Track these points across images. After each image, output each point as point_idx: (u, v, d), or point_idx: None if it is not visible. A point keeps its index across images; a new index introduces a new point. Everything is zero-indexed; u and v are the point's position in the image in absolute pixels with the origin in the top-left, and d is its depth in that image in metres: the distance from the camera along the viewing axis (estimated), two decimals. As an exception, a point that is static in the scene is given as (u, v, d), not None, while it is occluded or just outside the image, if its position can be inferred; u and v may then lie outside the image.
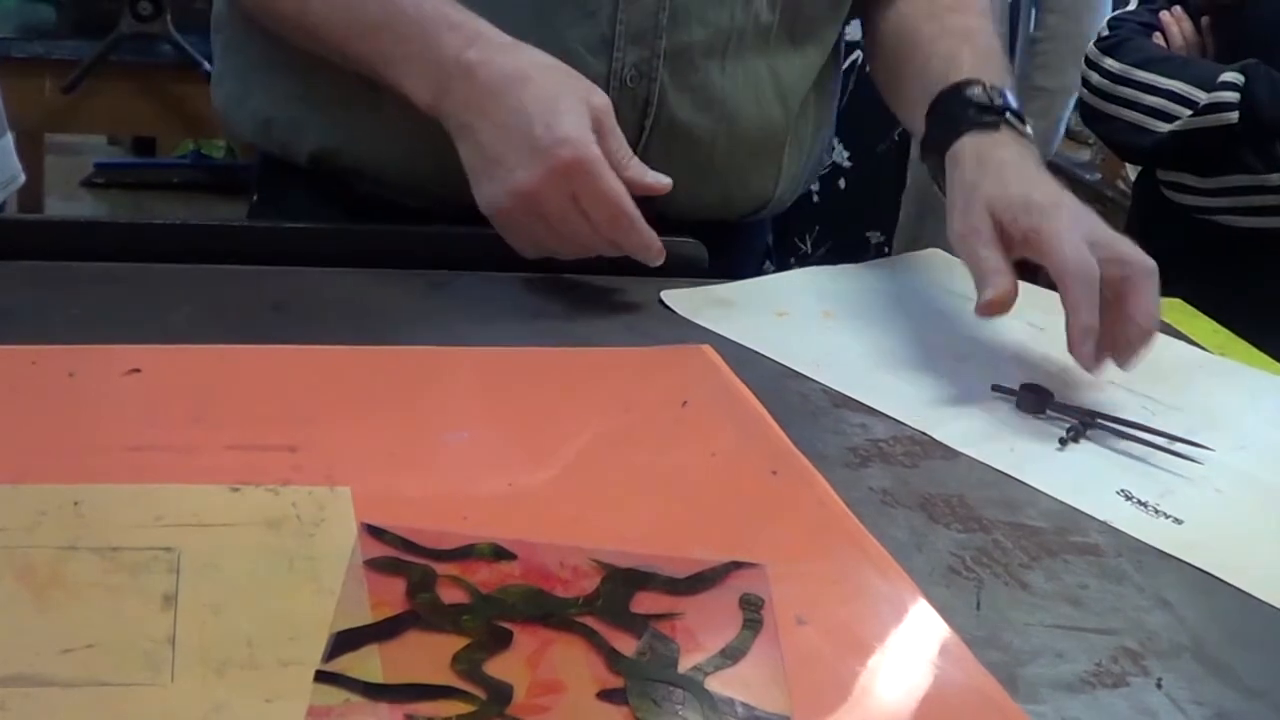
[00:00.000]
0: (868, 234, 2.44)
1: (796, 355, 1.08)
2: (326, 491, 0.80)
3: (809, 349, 1.09)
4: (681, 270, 1.17)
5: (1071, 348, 1.03)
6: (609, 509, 0.83)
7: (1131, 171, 2.95)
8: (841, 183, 2.34)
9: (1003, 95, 1.19)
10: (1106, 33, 2.12)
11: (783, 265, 2.27)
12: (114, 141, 5.56)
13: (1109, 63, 2.06)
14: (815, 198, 2.33)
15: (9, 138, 1.35)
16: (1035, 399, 1.04)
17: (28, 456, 0.81)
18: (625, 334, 1.09)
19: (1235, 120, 1.88)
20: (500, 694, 0.65)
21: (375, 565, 0.73)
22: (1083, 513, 0.91)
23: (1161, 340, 1.12)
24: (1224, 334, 1.29)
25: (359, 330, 1.01)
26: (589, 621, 0.71)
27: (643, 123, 1.23)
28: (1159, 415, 1.06)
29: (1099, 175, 3.66)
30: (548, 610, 0.72)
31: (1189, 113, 1.93)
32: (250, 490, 0.79)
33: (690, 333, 1.10)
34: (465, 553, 0.75)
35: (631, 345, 1.06)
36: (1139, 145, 2.05)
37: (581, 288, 1.16)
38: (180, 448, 0.83)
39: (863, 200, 2.38)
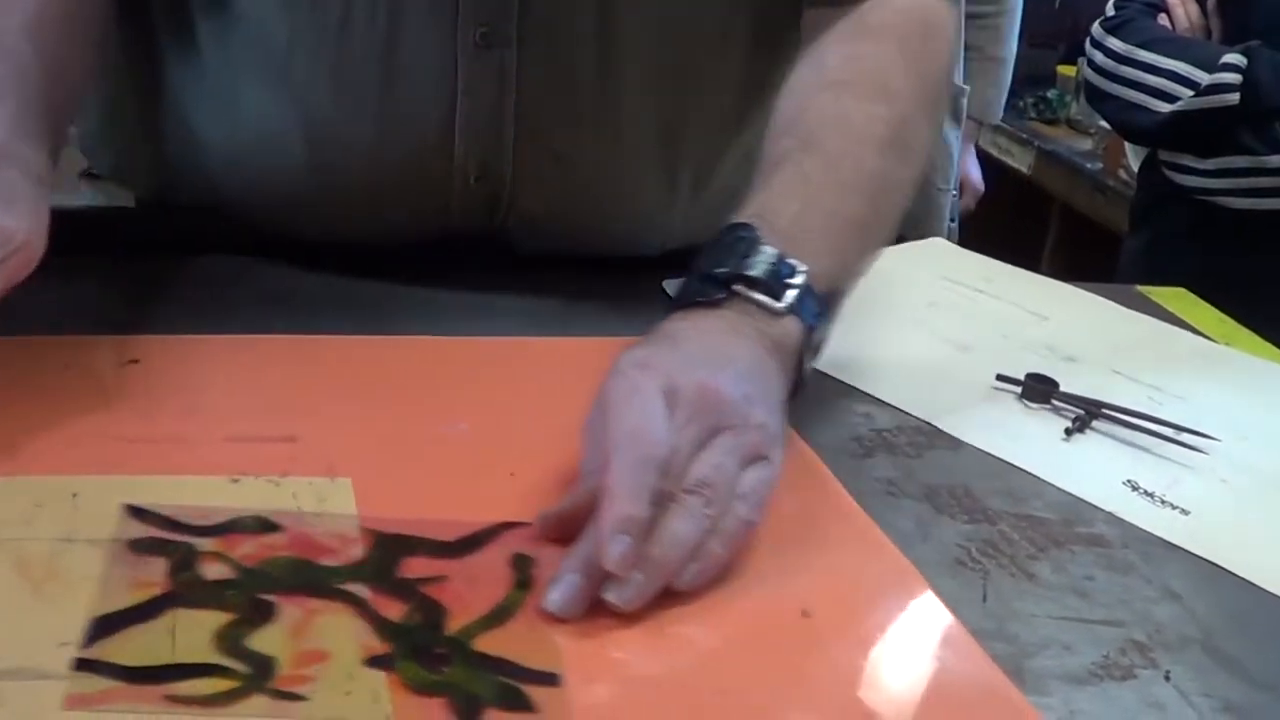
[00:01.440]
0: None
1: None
2: (327, 482, 0.79)
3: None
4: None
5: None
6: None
7: (1133, 161, 2.96)
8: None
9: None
10: (1112, 12, 2.11)
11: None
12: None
13: (1113, 42, 2.06)
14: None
15: None
16: (1041, 389, 1.03)
17: (24, 448, 0.80)
18: (625, 324, 1.07)
19: (1236, 102, 1.87)
20: (263, 667, 0.64)
21: (137, 546, 0.72)
22: (1089, 503, 0.90)
23: (1166, 330, 1.11)
24: (1229, 323, 1.28)
25: (356, 321, 1.01)
26: (355, 589, 0.70)
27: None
28: (1165, 405, 1.05)
29: (1100, 165, 3.65)
30: (313, 580, 0.71)
31: (1190, 93, 1.92)
32: (250, 481, 0.79)
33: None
34: (229, 527, 0.74)
35: (633, 335, 1.04)
36: (1140, 125, 2.05)
37: (581, 278, 1.15)
38: (179, 439, 0.83)
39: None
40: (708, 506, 0.74)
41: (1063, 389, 1.03)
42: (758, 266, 0.87)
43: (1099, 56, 2.08)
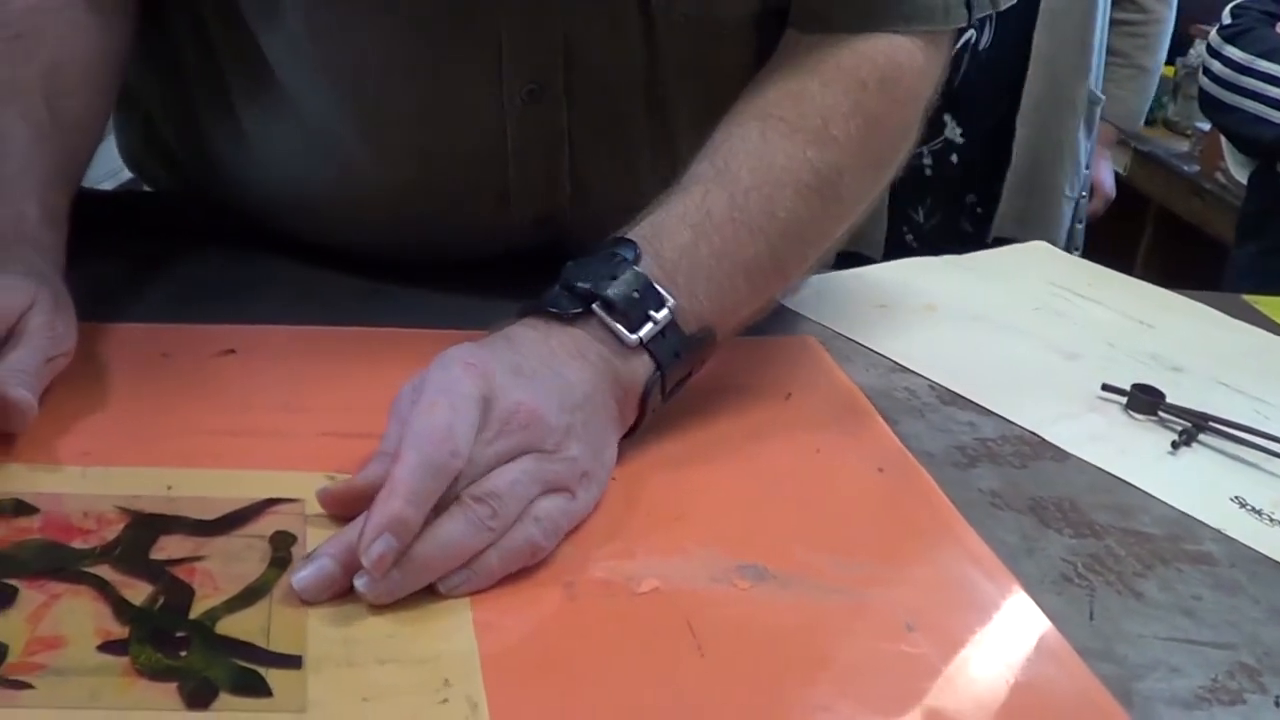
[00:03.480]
0: (966, 197, 2.44)
1: (901, 349, 1.06)
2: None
3: (913, 342, 1.07)
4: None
5: None
6: (714, 504, 0.81)
7: (1234, 167, 2.92)
8: (954, 157, 2.34)
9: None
10: (1229, 20, 2.08)
11: (895, 236, 2.28)
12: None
13: (1231, 51, 2.03)
14: (928, 171, 2.34)
15: None
16: (1147, 400, 1.00)
17: (121, 438, 0.81)
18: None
19: None
20: None
21: None
22: (1196, 519, 0.88)
23: (1274, 341, 1.09)
24: (1339, 336, 1.25)
25: (454, 313, 1.00)
26: (102, 571, 0.68)
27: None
28: (1272, 419, 1.02)
29: (1197, 167, 3.61)
30: (59, 563, 0.69)
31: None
32: (346, 478, 0.77)
33: (790, 322, 1.08)
34: None
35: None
36: (1260, 137, 2.01)
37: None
38: (273, 433, 0.83)
39: (972, 174, 2.37)
40: (491, 519, 0.71)
41: (1169, 400, 1.01)
42: (621, 289, 0.83)
43: (1217, 66, 2.04)
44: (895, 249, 2.22)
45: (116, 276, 1.02)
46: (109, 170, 1.36)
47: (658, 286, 0.84)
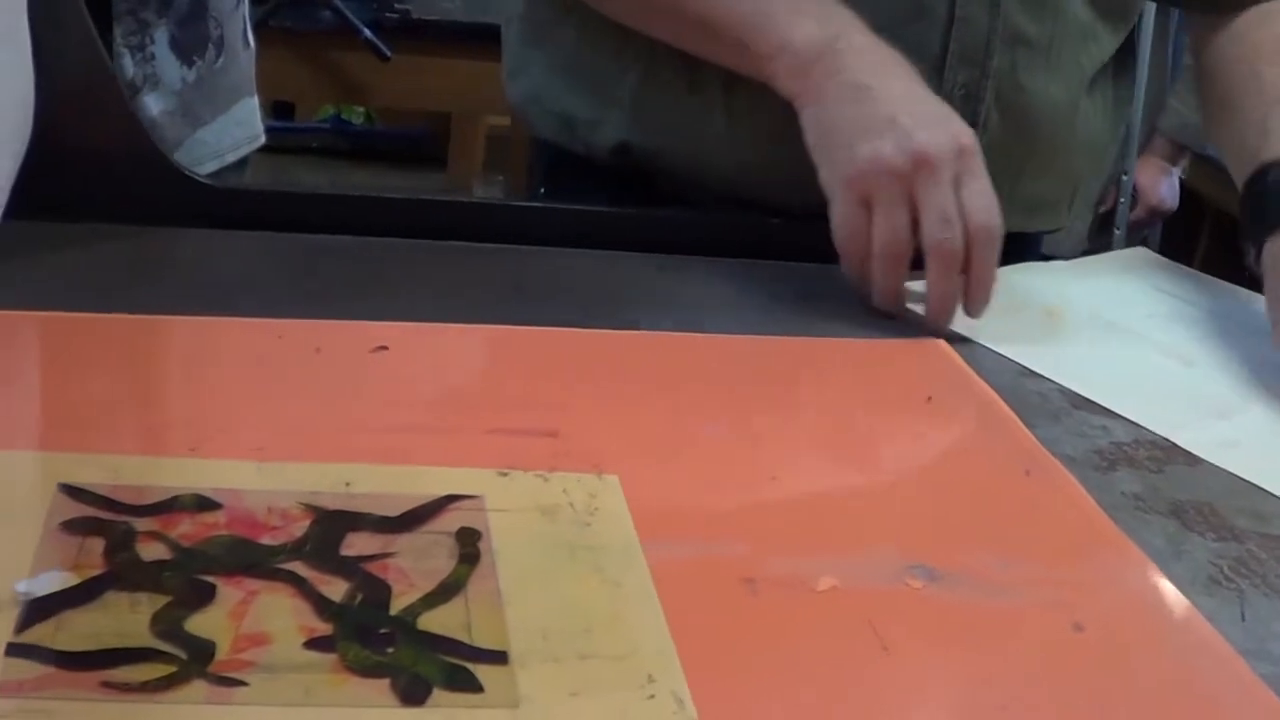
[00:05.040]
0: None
1: (1029, 352, 1.07)
2: (595, 479, 0.79)
3: (1040, 346, 1.09)
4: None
5: None
6: (875, 505, 0.83)
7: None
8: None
9: None
10: None
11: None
12: (254, 105, 5.60)
13: None
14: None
15: (255, 99, 1.38)
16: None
17: (291, 434, 0.82)
18: (848, 325, 1.08)
19: None
20: (201, 652, 0.62)
21: (72, 527, 0.70)
22: (1334, 525, 0.89)
23: None
24: None
25: (596, 313, 1.02)
26: (296, 568, 0.69)
27: None
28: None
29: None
30: (253, 560, 0.69)
31: None
32: (519, 475, 0.79)
33: (912, 326, 1.10)
34: (167, 506, 0.72)
35: (854, 336, 1.05)
36: None
37: (808, 275, 1.15)
38: (441, 429, 0.84)
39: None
40: None
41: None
42: None
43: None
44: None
45: (262, 273, 1.04)
46: (232, 142, 1.37)
47: None
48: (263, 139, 1.41)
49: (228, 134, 1.35)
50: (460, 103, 3.99)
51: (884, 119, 1.05)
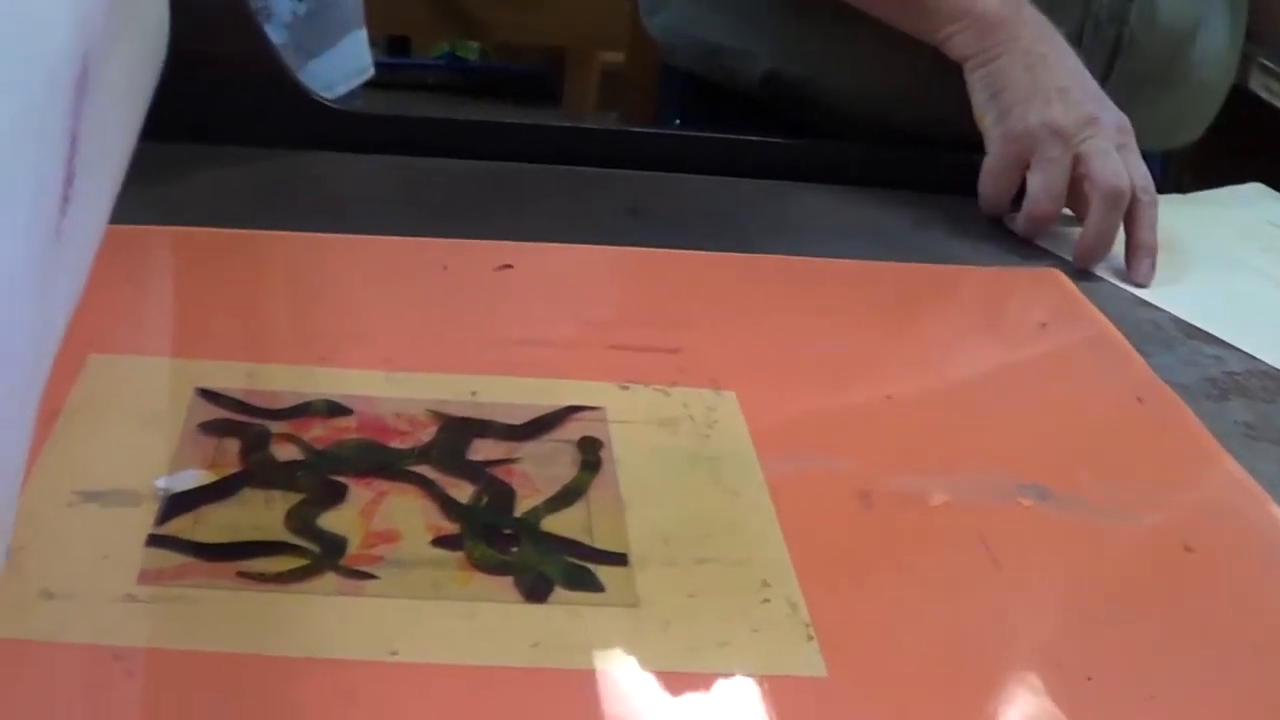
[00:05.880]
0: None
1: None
2: (713, 394, 0.81)
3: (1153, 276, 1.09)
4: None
5: None
6: (989, 425, 0.84)
7: None
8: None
9: None
10: None
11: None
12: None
13: None
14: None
15: (363, 31, 1.39)
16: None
17: (419, 346, 0.84)
18: (968, 252, 1.09)
19: None
20: (333, 546, 0.65)
21: (209, 428, 0.73)
22: None
23: None
24: None
25: (713, 236, 1.03)
26: (424, 471, 0.71)
27: (1111, 66, 1.26)
28: None
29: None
30: (382, 462, 0.72)
31: None
32: (640, 389, 0.81)
33: (1030, 255, 1.11)
34: (299, 410, 0.75)
35: (973, 264, 1.06)
36: None
37: (922, 205, 1.16)
38: (564, 344, 0.86)
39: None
40: None
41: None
42: None
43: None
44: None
45: (388, 194, 1.07)
46: (343, 74, 1.39)
47: None
48: (371, 71, 1.42)
49: (338, 67, 1.37)
50: (575, 38, 3.99)
51: (1057, 87, 1.13)
